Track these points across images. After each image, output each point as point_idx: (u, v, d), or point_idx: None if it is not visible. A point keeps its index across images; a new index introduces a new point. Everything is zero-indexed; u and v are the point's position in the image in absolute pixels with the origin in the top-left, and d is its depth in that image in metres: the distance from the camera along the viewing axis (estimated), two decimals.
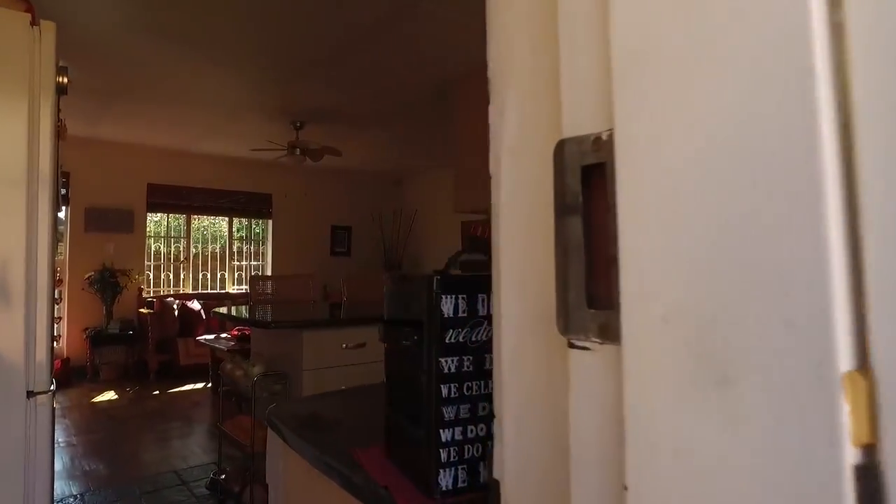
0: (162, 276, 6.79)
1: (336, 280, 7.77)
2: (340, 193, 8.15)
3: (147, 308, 6.11)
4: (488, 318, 0.72)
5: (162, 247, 6.85)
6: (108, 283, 5.84)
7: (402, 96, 4.60)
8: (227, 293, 6.94)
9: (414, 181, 8.48)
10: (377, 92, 4.48)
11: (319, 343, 2.57)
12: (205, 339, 5.42)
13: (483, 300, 0.72)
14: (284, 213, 7.58)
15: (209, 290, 7.01)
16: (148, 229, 6.58)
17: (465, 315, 0.71)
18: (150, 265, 6.65)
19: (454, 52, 3.66)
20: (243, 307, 3.45)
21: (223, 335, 5.56)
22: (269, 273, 7.51)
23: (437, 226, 7.97)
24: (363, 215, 8.36)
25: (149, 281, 6.62)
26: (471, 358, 0.70)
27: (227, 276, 7.24)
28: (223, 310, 3.10)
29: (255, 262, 7.55)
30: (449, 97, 4.47)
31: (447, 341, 0.69)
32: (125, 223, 6.28)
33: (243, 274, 7.43)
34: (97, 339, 5.70)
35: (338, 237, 8.08)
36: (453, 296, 0.70)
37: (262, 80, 4.20)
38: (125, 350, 5.96)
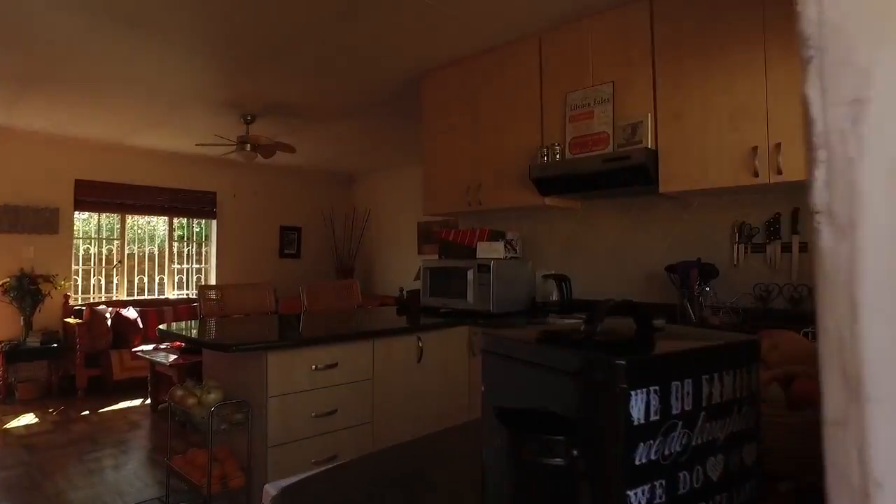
0: (92, 282, 6.17)
1: (286, 285, 7.35)
2: (290, 192, 7.72)
3: (75, 317, 5.51)
4: (684, 416, 0.47)
5: (93, 249, 6.22)
6: (28, 291, 5.22)
7: (362, 91, 4.29)
8: (167, 299, 6.40)
9: (367, 180, 8.14)
10: (335, 86, 4.16)
11: (287, 365, 2.26)
12: (142, 352, 4.93)
13: (678, 390, 0.47)
14: (230, 213, 7.08)
15: (147, 296, 6.43)
16: (76, 229, 5.96)
17: (658, 418, 0.46)
18: (78, 269, 6.02)
19: (420, 46, 3.41)
20: (192, 322, 3.06)
21: (163, 345, 5.09)
22: (213, 276, 6.99)
23: (392, 227, 7.67)
24: (314, 215, 7.95)
25: (77, 287, 6.00)
26: (663, 483, 0.46)
27: (166, 280, 6.68)
28: (164, 326, 2.72)
29: (198, 265, 7.01)
30: (414, 94, 4.22)
31: (637, 462, 0.45)
32: (48, 223, 5.65)
33: (185, 278, 6.89)
34: (13, 354, 5.08)
35: (287, 238, 7.64)
36: (646, 390, 0.45)
37: (209, 69, 3.80)
38: (48, 365, 5.36)
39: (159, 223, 6.74)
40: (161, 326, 2.66)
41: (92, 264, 6.18)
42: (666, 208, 2.98)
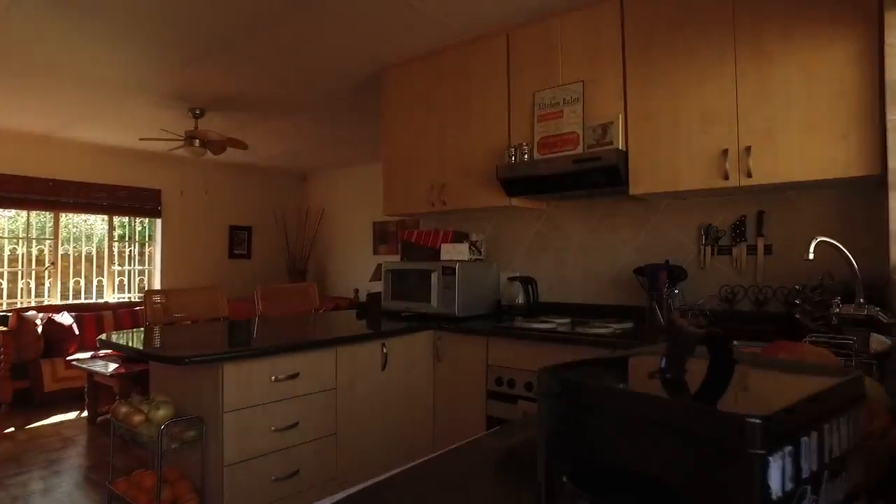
0: (20, 285, 5.71)
1: (236, 286, 7.05)
2: (240, 190, 7.41)
3: None
4: (812, 479, 0.38)
5: (20, 249, 5.76)
6: None
7: (318, 86, 4.12)
8: (107, 303, 6.00)
9: (321, 178, 7.92)
10: (290, 80, 3.98)
11: (244, 377, 2.10)
12: (77, 361, 4.58)
13: (807, 448, 0.37)
14: (176, 211, 6.72)
15: (84, 300, 6.02)
16: None
17: (793, 486, 0.36)
18: (2, 272, 5.56)
19: (381, 40, 3.28)
20: (136, 331, 2.85)
21: (102, 353, 4.75)
22: (157, 278, 6.61)
23: (346, 227, 7.48)
24: (265, 214, 7.67)
25: (1, 291, 5.53)
26: None
27: (105, 282, 6.27)
28: (105, 336, 2.51)
29: (141, 267, 6.62)
30: (374, 89, 4.08)
31: None
32: None
33: (126, 280, 6.49)
34: None
35: (237, 238, 7.33)
36: (782, 453, 0.35)
37: (153, 59, 3.54)
38: None
39: (97, 221, 6.32)
40: (101, 336, 2.44)
41: (20, 266, 5.72)
42: (632, 210, 2.97)
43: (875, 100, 2.00)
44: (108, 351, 4.59)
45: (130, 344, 2.26)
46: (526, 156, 2.90)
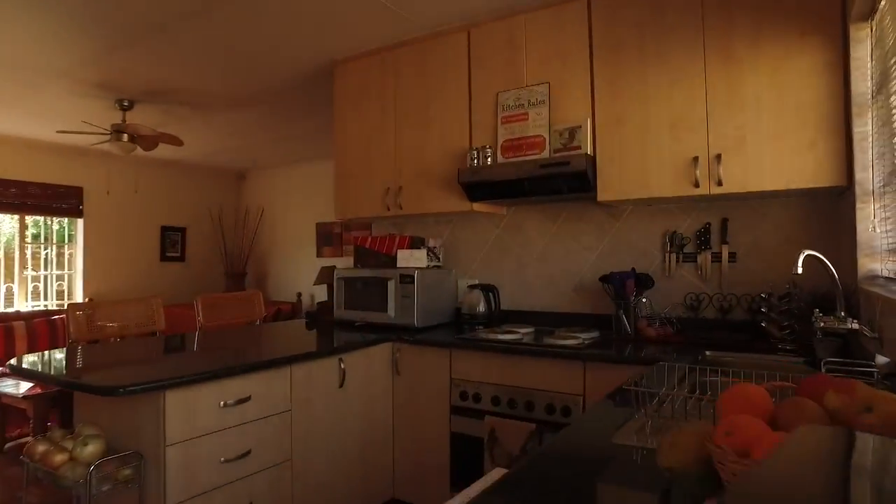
0: None
1: (169, 291, 6.59)
2: (172, 189, 6.94)
3: None
4: None
5: None
6: None
7: (262, 79, 3.86)
8: (18, 312, 5.44)
9: (260, 177, 7.54)
10: (230, 72, 3.70)
11: (189, 404, 1.87)
12: None
13: None
14: (100, 211, 6.19)
15: None
16: None
17: None
18: None
19: (333, 31, 3.09)
20: (54, 353, 2.55)
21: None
22: (79, 283, 6.07)
23: (288, 228, 7.16)
24: (200, 215, 7.22)
25: None
26: None
27: (16, 288, 5.68)
28: (16, 361, 2.19)
29: (59, 271, 6.06)
30: (322, 84, 3.86)
31: None
32: None
33: (41, 286, 5.91)
34: None
35: (169, 240, 6.85)
36: None
37: (73, 43, 3.18)
38: None
39: (5, 221, 5.71)
40: (11, 361, 2.12)
41: None
42: (596, 216, 2.92)
43: (842, 111, 2.01)
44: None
45: (50, 370, 1.97)
46: (489, 159, 2.78)
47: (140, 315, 2.88)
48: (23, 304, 5.71)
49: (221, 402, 1.98)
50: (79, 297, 6.05)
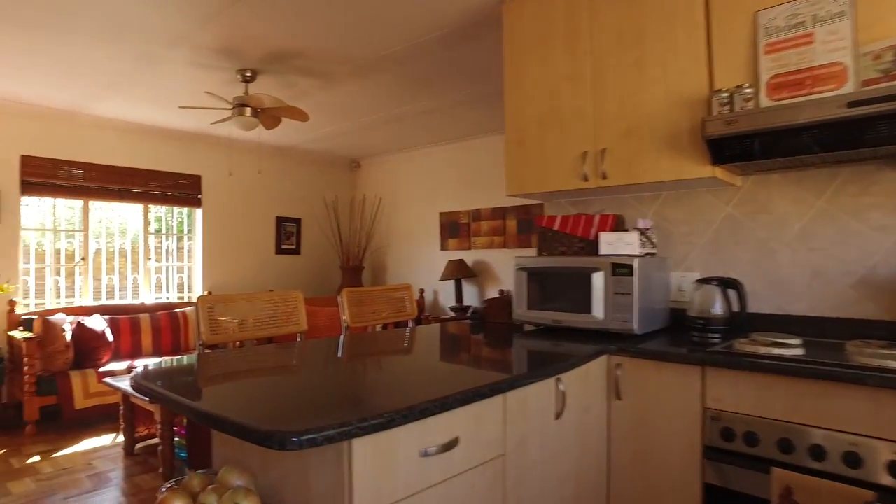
0: (48, 284, 4.99)
1: (283, 285, 6.26)
2: (287, 177, 6.61)
3: (24, 329, 4.37)
4: None
5: (48, 243, 5.04)
6: None
7: (398, 31, 3.25)
8: (143, 305, 5.25)
9: (375, 164, 7.06)
10: (359, 23, 3.11)
11: (383, 456, 1.24)
12: (112, 377, 3.81)
13: None
14: (218, 201, 5.95)
15: (118, 301, 5.27)
16: (24, 219, 4.78)
17: None
18: (28, 268, 4.84)
19: None
20: (184, 362, 2.02)
21: (139, 363, 3.98)
22: (198, 276, 5.85)
23: (408, 219, 6.62)
24: (315, 205, 6.86)
25: (27, 291, 4.82)
26: None
27: (141, 280, 5.52)
28: (147, 377, 1.66)
29: (179, 263, 5.86)
30: (473, 39, 3.20)
31: None
32: None
33: (163, 278, 5.73)
34: None
35: (285, 231, 6.53)
36: None
37: None
38: None
39: (131, 212, 5.56)
40: (136, 371, 1.60)
41: (47, 262, 5.00)
42: (893, 183, 2.03)
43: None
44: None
45: (187, 394, 1.41)
46: (750, 102, 1.97)
47: (279, 313, 2.33)
48: (148, 296, 5.54)
49: (422, 450, 1.33)
50: (198, 291, 5.83)
